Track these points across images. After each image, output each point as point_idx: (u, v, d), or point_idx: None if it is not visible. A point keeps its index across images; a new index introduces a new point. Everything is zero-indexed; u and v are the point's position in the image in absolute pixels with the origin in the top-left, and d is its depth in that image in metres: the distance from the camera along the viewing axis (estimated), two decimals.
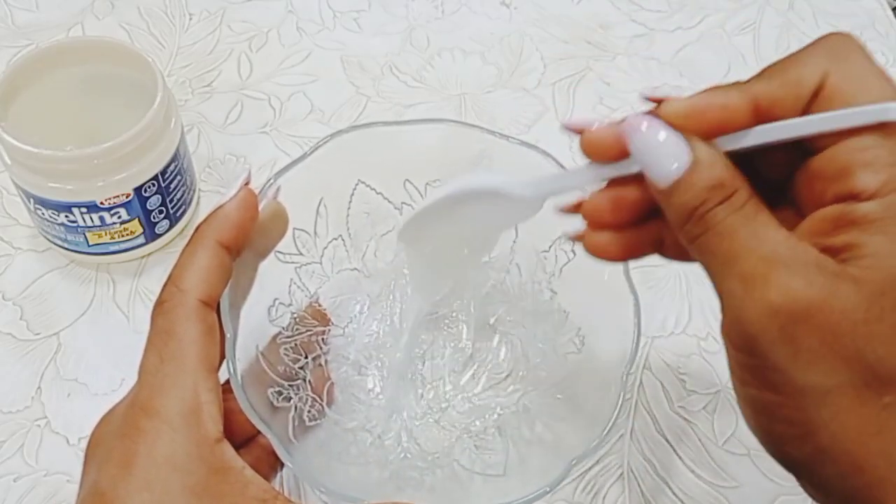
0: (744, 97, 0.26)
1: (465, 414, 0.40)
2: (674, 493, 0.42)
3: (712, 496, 0.42)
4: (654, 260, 0.30)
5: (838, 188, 0.24)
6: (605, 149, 0.28)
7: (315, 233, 0.41)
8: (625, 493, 0.41)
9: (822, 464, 0.24)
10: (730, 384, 0.45)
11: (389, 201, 0.42)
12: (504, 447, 0.38)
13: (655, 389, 0.45)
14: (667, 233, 0.29)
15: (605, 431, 0.33)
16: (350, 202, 0.41)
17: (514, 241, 0.42)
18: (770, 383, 0.24)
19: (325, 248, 0.42)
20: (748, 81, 0.26)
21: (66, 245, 0.46)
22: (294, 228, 0.39)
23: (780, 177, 0.27)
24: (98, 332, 0.46)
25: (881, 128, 0.24)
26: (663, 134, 0.26)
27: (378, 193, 0.42)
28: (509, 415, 0.40)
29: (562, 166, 0.38)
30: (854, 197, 0.24)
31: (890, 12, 0.65)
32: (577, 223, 0.30)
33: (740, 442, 0.43)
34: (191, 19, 0.61)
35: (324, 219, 0.41)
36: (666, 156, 0.26)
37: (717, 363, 0.46)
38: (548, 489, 0.32)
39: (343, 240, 0.42)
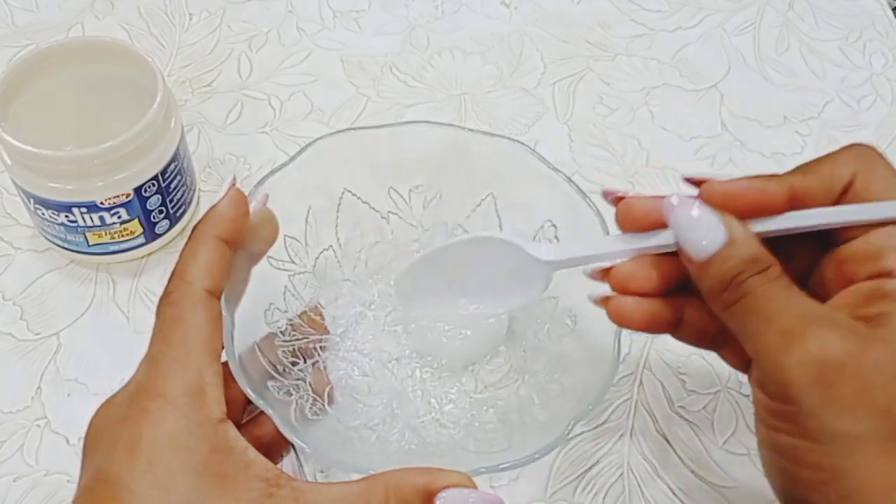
0: (781, 185, 0.29)
1: (466, 409, 0.40)
2: (674, 494, 0.42)
3: (712, 496, 0.42)
4: None
5: (871, 268, 0.28)
6: (640, 218, 0.31)
7: (306, 242, 0.41)
8: (625, 493, 0.41)
9: None
10: (730, 384, 0.46)
11: (376, 210, 0.42)
12: (507, 436, 0.39)
13: (655, 389, 0.45)
14: (688, 312, 0.32)
15: (608, 382, 0.34)
16: (338, 212, 0.42)
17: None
18: (802, 429, 0.26)
19: (317, 258, 0.42)
20: (784, 175, 0.30)
21: (66, 245, 0.46)
22: (285, 235, 0.39)
23: (801, 267, 0.31)
24: (98, 332, 0.46)
25: None
26: (700, 211, 0.29)
27: (364, 203, 0.42)
28: (510, 405, 0.40)
29: (545, 161, 0.39)
30: (885, 275, 0.27)
31: (890, 12, 0.65)
32: (602, 288, 0.32)
33: (740, 442, 0.43)
34: (191, 19, 0.61)
35: (313, 228, 0.41)
36: (703, 231, 0.29)
37: (717, 363, 0.46)
38: (543, 450, 0.32)
39: (334, 250, 0.42)
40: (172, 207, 0.47)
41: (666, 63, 0.61)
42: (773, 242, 0.29)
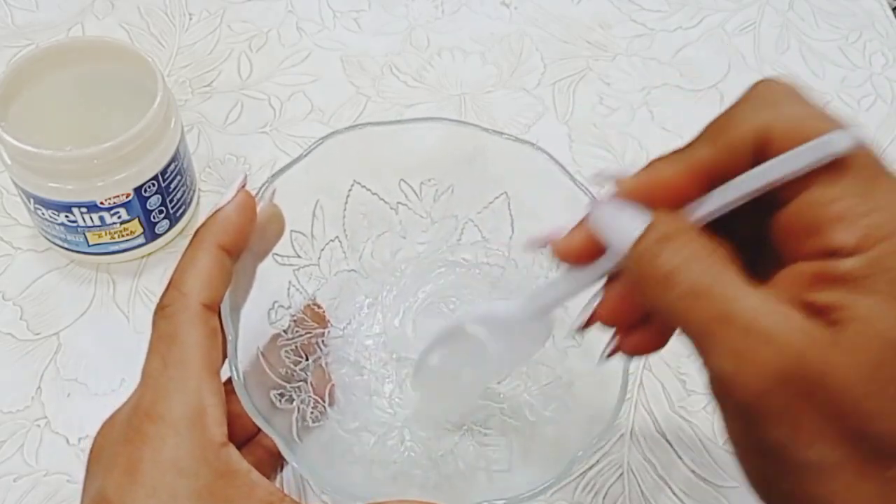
0: (687, 170, 0.25)
1: (467, 413, 0.40)
2: (674, 493, 0.42)
3: (712, 496, 0.42)
4: None
5: (814, 245, 0.23)
6: (578, 251, 0.28)
7: (312, 235, 0.41)
8: (625, 493, 0.42)
9: None
10: None
11: (385, 201, 0.42)
12: (507, 444, 0.39)
13: (655, 389, 0.45)
14: None
15: (610, 424, 0.33)
16: (346, 203, 0.42)
17: (511, 238, 0.42)
18: (769, 455, 0.24)
19: (323, 249, 0.42)
20: (692, 146, 0.25)
21: (66, 245, 0.46)
22: (291, 231, 0.39)
23: (751, 232, 0.26)
24: (98, 332, 0.46)
25: (838, 171, 0.23)
26: (622, 207, 0.26)
27: (374, 194, 0.42)
28: (511, 412, 0.40)
29: (555, 160, 0.38)
30: (832, 253, 0.22)
31: (890, 12, 0.65)
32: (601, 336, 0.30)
33: None
34: (191, 19, 0.61)
35: (320, 221, 0.41)
36: (626, 220, 0.25)
37: None
38: (553, 481, 0.32)
39: (340, 241, 0.42)
40: (172, 207, 0.47)
41: (666, 63, 0.61)
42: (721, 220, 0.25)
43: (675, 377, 0.45)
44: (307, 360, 0.39)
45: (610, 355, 0.30)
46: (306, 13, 0.62)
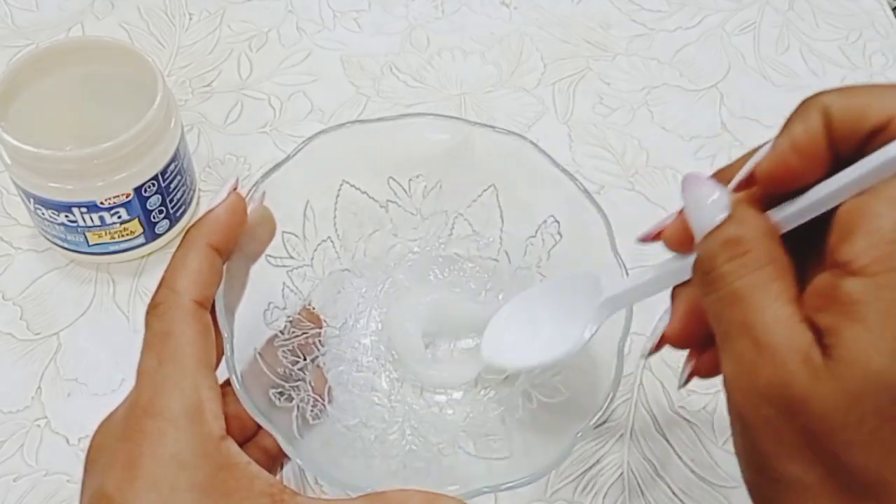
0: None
1: (466, 407, 0.41)
2: (674, 494, 0.42)
3: (712, 496, 0.42)
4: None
5: (837, 251, 0.23)
6: (683, 236, 0.28)
7: (304, 236, 0.41)
8: (625, 493, 0.42)
9: None
10: None
11: (375, 200, 0.42)
12: (507, 433, 0.39)
13: (655, 389, 0.45)
14: None
15: (608, 400, 0.34)
16: (336, 203, 0.42)
17: (502, 231, 0.42)
18: (756, 463, 0.24)
19: (315, 250, 0.42)
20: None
21: (66, 245, 0.46)
22: (283, 232, 0.39)
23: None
24: (98, 332, 0.46)
25: None
26: (710, 190, 0.26)
27: (363, 193, 0.42)
28: (510, 405, 0.40)
29: (540, 149, 0.39)
30: (844, 266, 0.22)
31: (890, 12, 0.65)
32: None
33: None
34: (191, 19, 0.61)
35: (311, 221, 0.41)
36: (708, 210, 0.25)
37: None
38: (552, 464, 0.33)
39: (332, 241, 0.42)
40: (172, 207, 0.47)
41: (666, 63, 0.61)
42: None
43: (675, 377, 0.45)
44: (305, 359, 0.39)
45: (687, 381, 0.31)
46: (306, 13, 0.62)
